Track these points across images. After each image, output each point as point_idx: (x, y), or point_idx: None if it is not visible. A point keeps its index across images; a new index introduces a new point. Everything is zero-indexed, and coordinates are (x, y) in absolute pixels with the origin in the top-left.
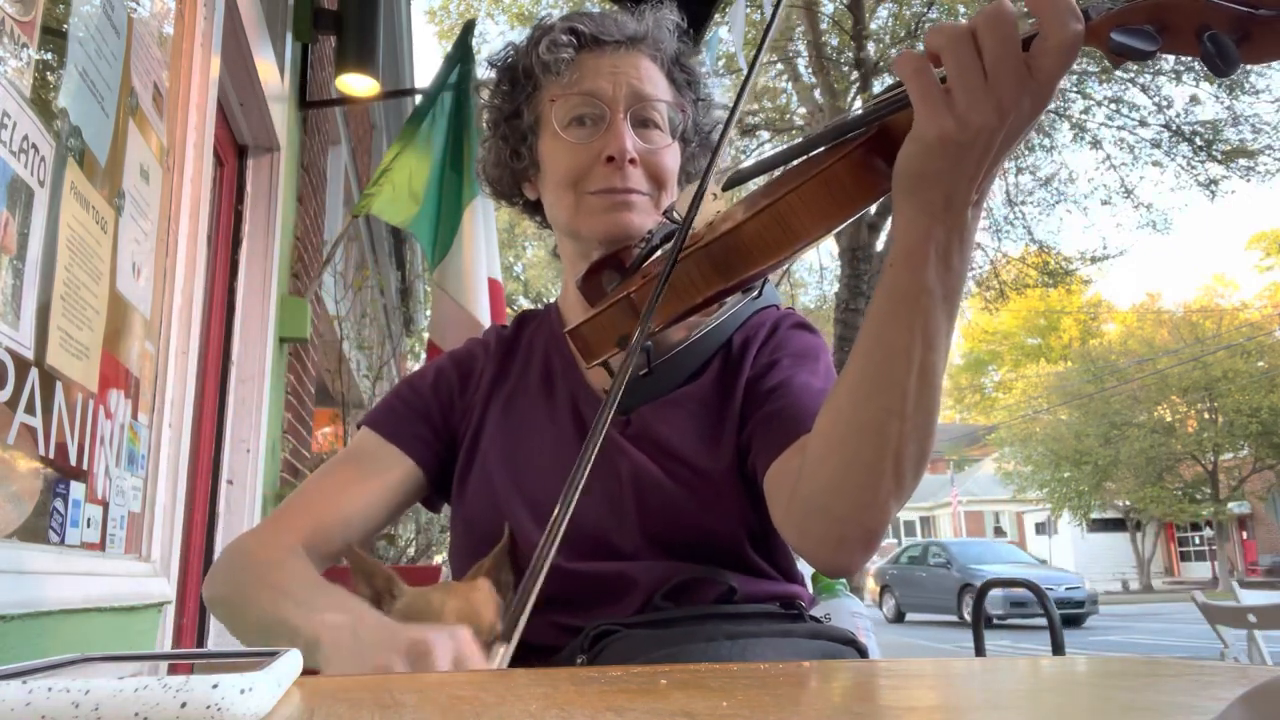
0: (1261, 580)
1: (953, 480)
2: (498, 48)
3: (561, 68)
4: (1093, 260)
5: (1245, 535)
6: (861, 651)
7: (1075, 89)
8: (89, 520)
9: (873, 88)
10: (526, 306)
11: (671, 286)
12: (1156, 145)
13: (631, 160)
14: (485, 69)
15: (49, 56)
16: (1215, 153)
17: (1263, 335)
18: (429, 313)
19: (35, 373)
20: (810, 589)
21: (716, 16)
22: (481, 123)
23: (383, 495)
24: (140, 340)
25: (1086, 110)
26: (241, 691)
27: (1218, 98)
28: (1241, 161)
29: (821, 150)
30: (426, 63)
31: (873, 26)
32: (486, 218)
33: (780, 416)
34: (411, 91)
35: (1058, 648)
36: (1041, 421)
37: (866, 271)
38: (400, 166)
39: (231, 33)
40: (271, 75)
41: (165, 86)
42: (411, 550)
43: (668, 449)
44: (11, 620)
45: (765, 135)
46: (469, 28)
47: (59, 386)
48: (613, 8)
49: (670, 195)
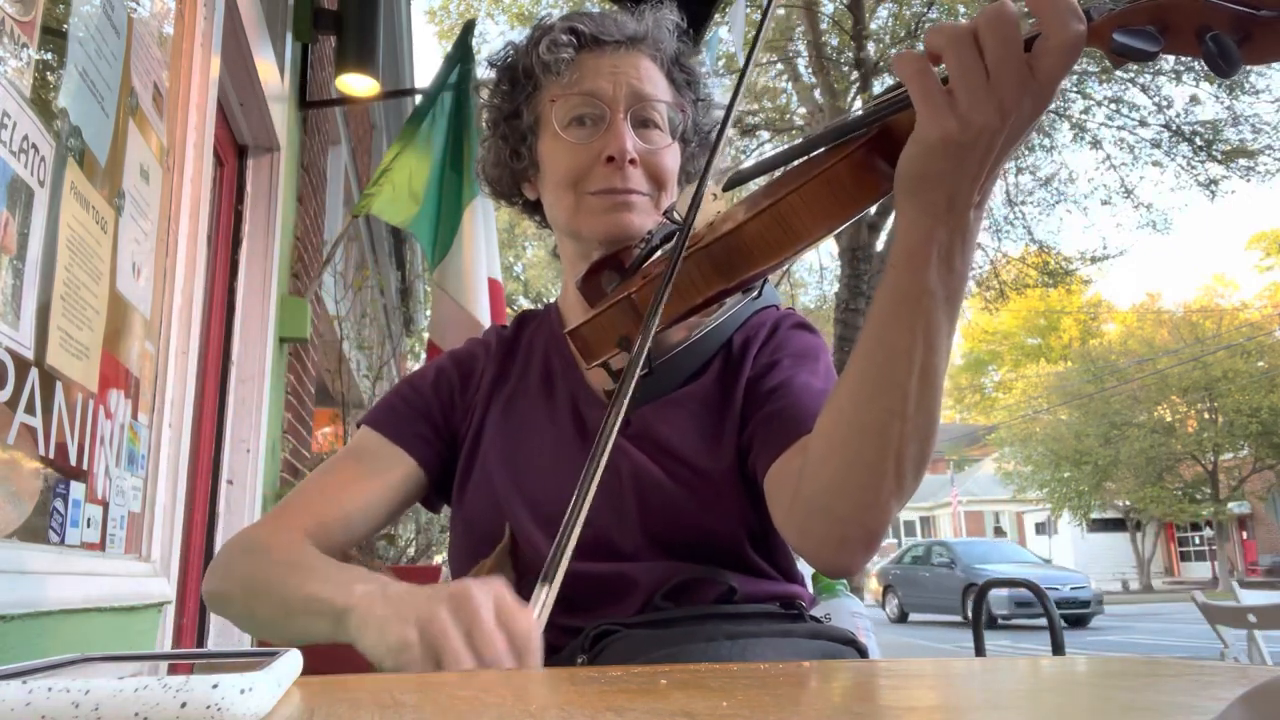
0: (1261, 580)
1: (953, 480)
2: (498, 47)
3: (561, 68)
4: (1093, 260)
5: (1245, 535)
6: (862, 651)
7: (1075, 89)
8: (89, 520)
9: (873, 88)
10: (526, 306)
11: (673, 286)
12: (1156, 145)
13: (631, 160)
14: (485, 69)
15: (49, 56)
16: (1215, 153)
17: (1263, 335)
18: (429, 313)
19: (35, 373)
20: (810, 589)
21: (716, 16)
22: (481, 122)
23: (383, 494)
24: (140, 340)
25: (1086, 110)
26: (241, 691)
27: (1218, 98)
28: (1241, 161)
29: (823, 151)
30: (426, 63)
31: (873, 26)
32: (486, 218)
33: (781, 417)
34: (411, 91)
35: (1058, 648)
36: (1041, 421)
37: (866, 271)
38: (400, 166)
39: (231, 33)
40: (271, 75)
41: (165, 86)
42: (411, 550)
43: (668, 449)
44: (11, 620)
45: (765, 135)
46: (469, 28)
47: (59, 386)
48: (612, 8)
49: (670, 195)
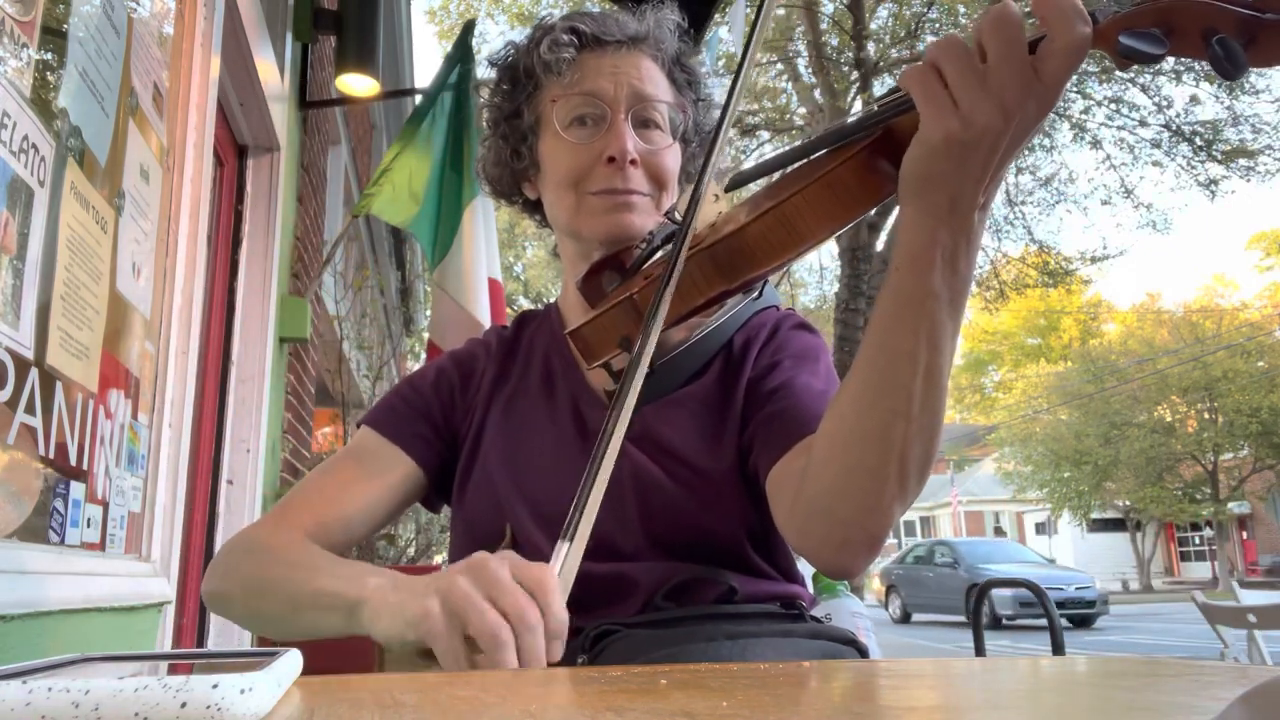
0: (1261, 580)
1: (953, 480)
2: (498, 47)
3: (563, 68)
4: (1093, 260)
5: (1245, 535)
6: (862, 651)
7: (1075, 89)
8: (89, 520)
9: (873, 88)
10: (526, 306)
11: (674, 287)
12: (1156, 145)
13: (632, 161)
14: (485, 68)
15: (49, 56)
16: (1215, 153)
17: (1263, 335)
18: (429, 313)
19: (35, 373)
20: (811, 589)
21: (716, 16)
22: (481, 122)
23: (383, 494)
24: (140, 340)
25: (1086, 110)
26: (241, 691)
27: (1218, 98)
28: (1241, 161)
29: (825, 153)
30: (426, 63)
31: (873, 26)
32: (486, 218)
33: (782, 418)
34: (411, 91)
35: (1058, 648)
36: (1041, 421)
37: (866, 271)
38: (400, 166)
39: (231, 33)
40: (271, 75)
41: (165, 86)
42: (411, 550)
43: (669, 449)
44: (11, 620)
45: (765, 135)
46: (469, 28)
47: (59, 386)
48: (613, 8)
49: (671, 196)
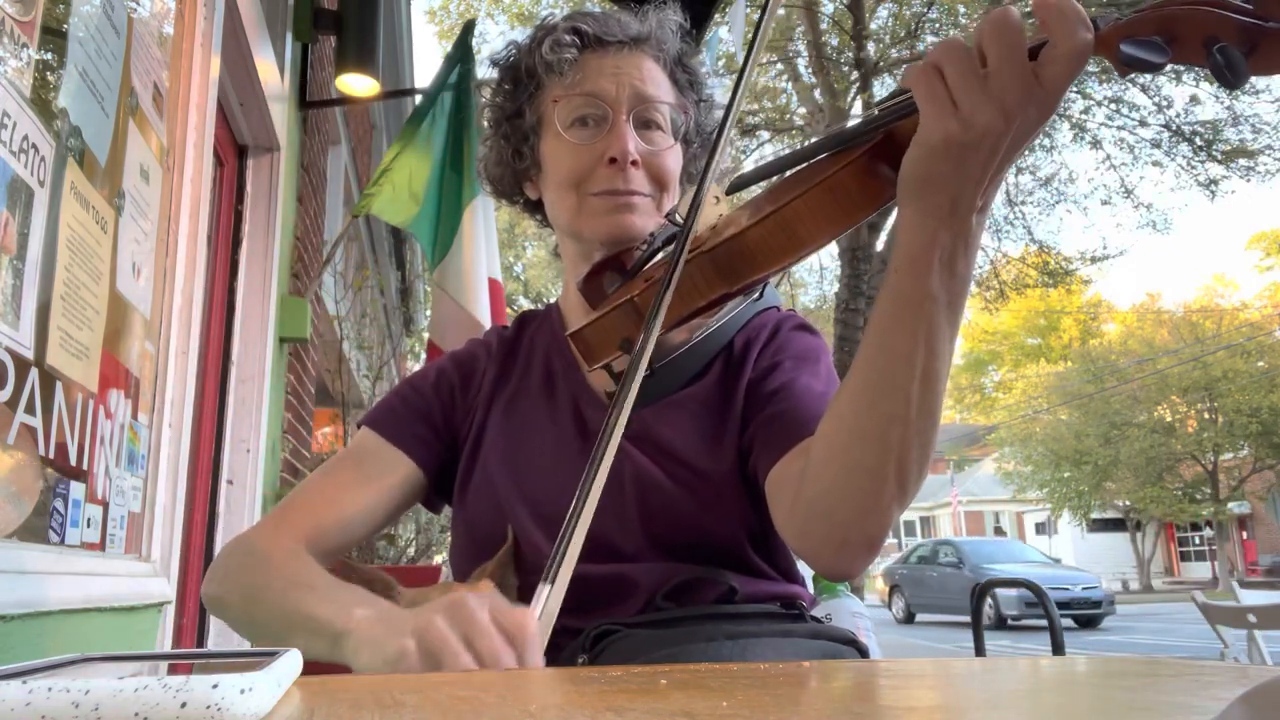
0: (1261, 580)
1: (953, 480)
2: (499, 47)
3: (564, 68)
4: (1093, 260)
5: (1245, 535)
6: (862, 651)
7: (1075, 89)
8: (89, 520)
9: (873, 88)
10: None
11: (675, 289)
12: (1156, 145)
13: (634, 162)
14: (487, 68)
15: (49, 56)
16: (1215, 153)
17: (1263, 335)
18: (429, 313)
19: (35, 373)
20: (811, 589)
21: (716, 16)
22: (482, 122)
23: (382, 496)
24: (140, 340)
25: (1086, 110)
26: (241, 691)
27: (1218, 98)
28: (1241, 161)
29: (826, 157)
30: (426, 63)
31: (873, 26)
32: (486, 218)
33: (782, 419)
34: (411, 91)
35: (1058, 648)
36: (1041, 421)
37: (866, 271)
38: (400, 166)
39: (231, 33)
40: (271, 75)
41: (165, 86)
42: (411, 550)
43: (669, 450)
44: (11, 620)
45: (765, 135)
46: (469, 28)
47: (59, 386)
48: (615, 8)
49: (672, 197)
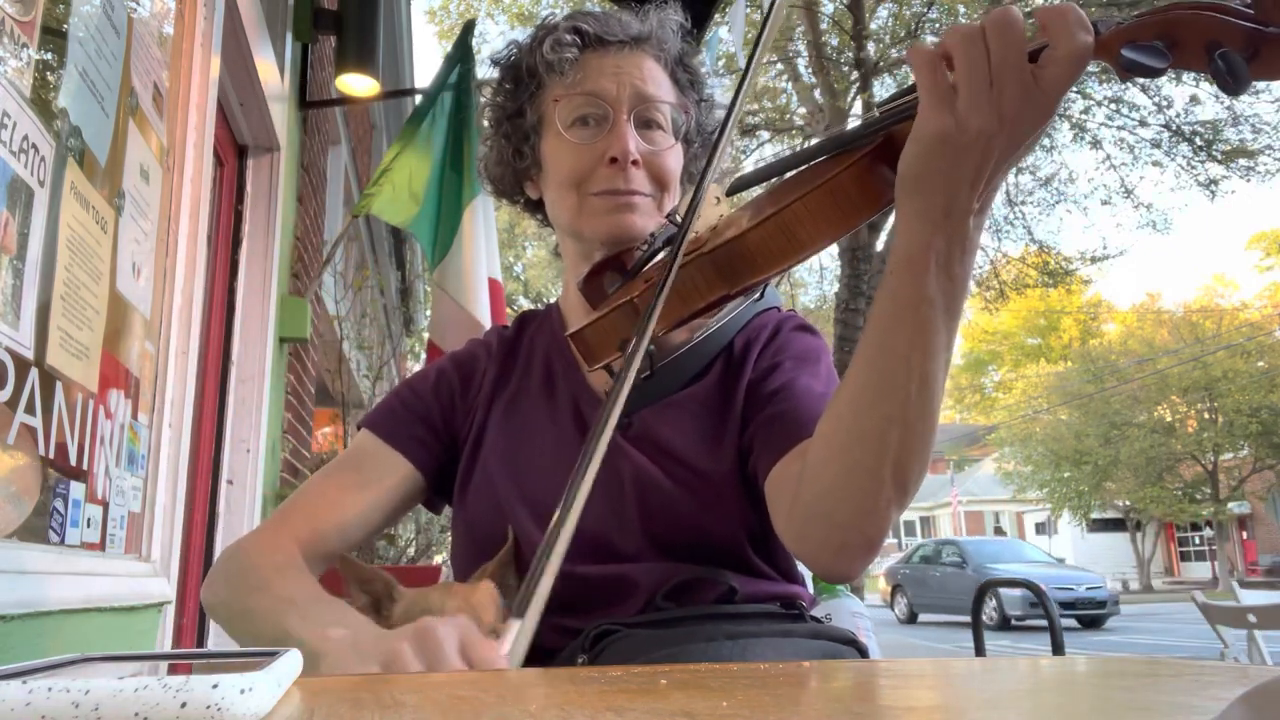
0: (1261, 580)
1: (953, 480)
2: (500, 46)
3: (565, 67)
4: (1093, 260)
5: (1245, 535)
6: (862, 651)
7: (1075, 89)
8: (89, 520)
9: (873, 88)
10: (526, 306)
11: (675, 291)
12: (1156, 145)
13: (634, 162)
14: (487, 67)
15: (49, 56)
16: (1215, 153)
17: (1263, 335)
18: (429, 313)
19: (35, 373)
20: (811, 589)
21: (716, 16)
22: (482, 122)
23: (380, 499)
24: (140, 340)
25: (1086, 110)
26: (241, 691)
27: (1218, 98)
28: (1241, 161)
29: (827, 159)
30: (426, 63)
31: (873, 26)
32: (486, 218)
33: (782, 420)
34: (411, 91)
35: (1058, 648)
36: (1041, 421)
37: (866, 271)
38: (400, 166)
39: (231, 33)
40: (271, 75)
41: (165, 86)
42: (411, 550)
43: (669, 451)
44: (11, 620)
45: (765, 135)
46: (469, 28)
47: (59, 386)
48: (615, 8)
49: (673, 197)
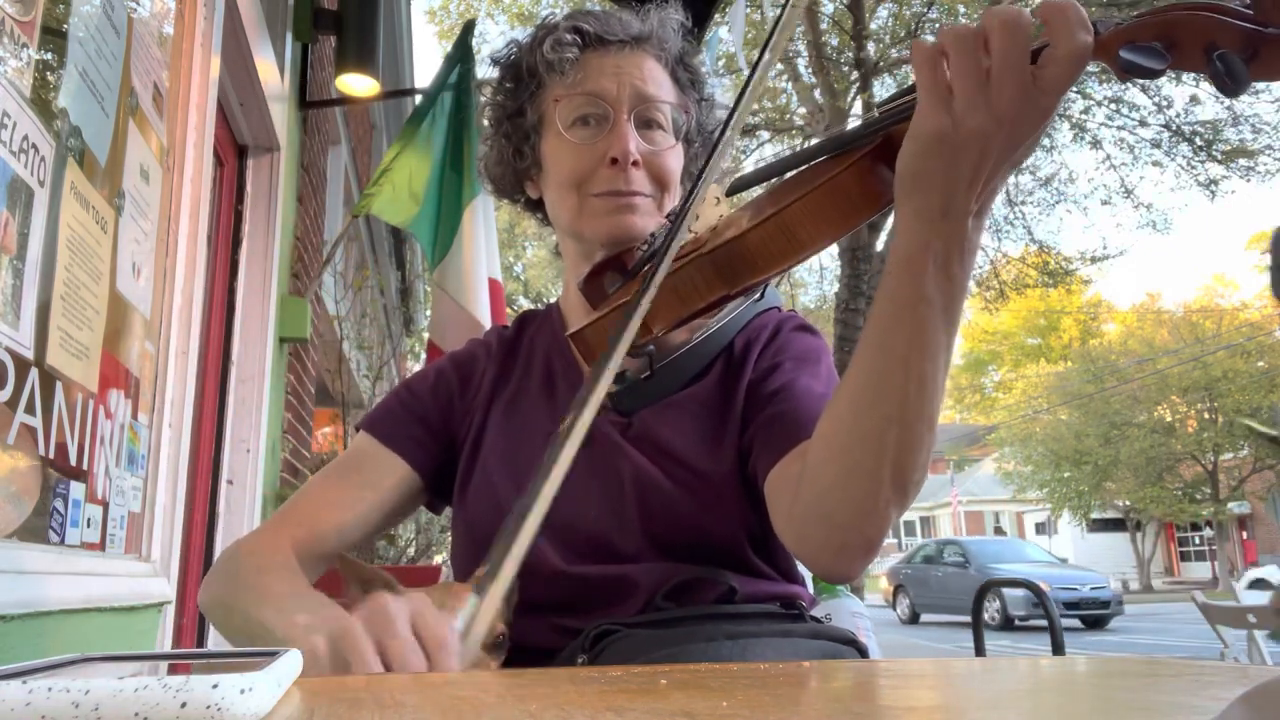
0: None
1: (953, 480)
2: (500, 46)
3: (565, 67)
4: (1093, 260)
5: (1245, 535)
6: (862, 651)
7: (1075, 89)
8: (89, 520)
9: (873, 88)
10: (526, 306)
11: (675, 291)
12: (1156, 145)
13: (635, 162)
14: (487, 67)
15: (49, 56)
16: (1215, 153)
17: (1263, 335)
18: (429, 313)
19: (35, 373)
20: (811, 590)
21: (716, 16)
22: (482, 121)
23: (379, 500)
24: (140, 340)
25: (1086, 110)
26: (241, 691)
27: (1218, 98)
28: (1241, 161)
29: (827, 158)
30: (426, 63)
31: (873, 26)
32: (486, 218)
33: (782, 420)
34: (411, 91)
35: (1058, 648)
36: (1041, 421)
37: (866, 271)
38: (400, 166)
39: (231, 33)
40: (271, 75)
41: (165, 86)
42: (411, 550)
43: (669, 451)
44: (11, 620)
45: (765, 135)
46: (469, 28)
47: (59, 386)
48: (615, 7)
49: (673, 197)
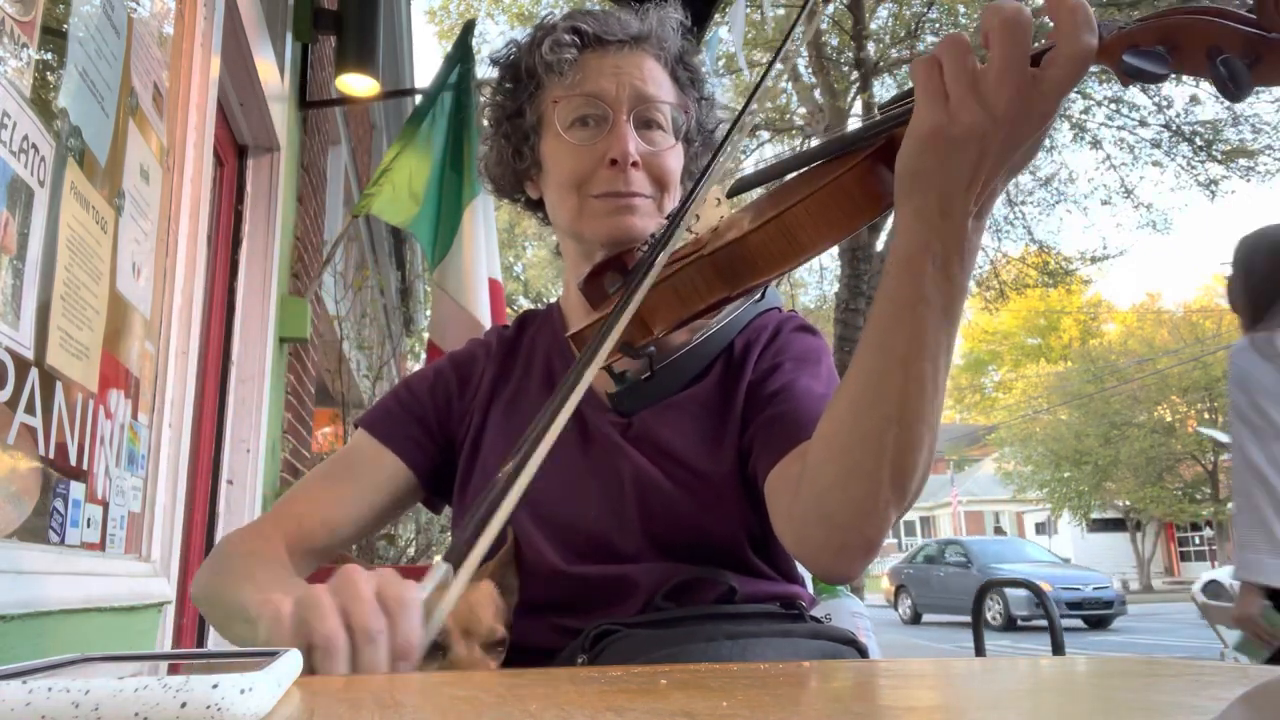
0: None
1: (953, 480)
2: (500, 46)
3: (564, 68)
4: (1093, 260)
5: None
6: (862, 651)
7: (1075, 89)
8: (89, 520)
9: (873, 88)
10: (526, 306)
11: (676, 292)
12: (1156, 145)
13: (634, 163)
14: (487, 67)
15: (49, 56)
16: (1215, 153)
17: None
18: (429, 313)
19: (35, 373)
20: (810, 590)
21: (716, 16)
22: (482, 121)
23: (370, 497)
24: (140, 340)
25: (1086, 110)
26: (241, 691)
27: (1218, 98)
28: (1241, 161)
29: (829, 160)
30: (426, 63)
31: (873, 26)
32: (486, 218)
33: (782, 421)
34: (411, 91)
35: (1058, 648)
36: (1041, 421)
37: (866, 271)
38: (400, 166)
39: (231, 33)
40: (271, 75)
41: (165, 86)
42: (411, 550)
43: (669, 452)
44: (11, 620)
45: (765, 135)
46: (469, 28)
47: (59, 386)
48: (614, 7)
49: (673, 197)
